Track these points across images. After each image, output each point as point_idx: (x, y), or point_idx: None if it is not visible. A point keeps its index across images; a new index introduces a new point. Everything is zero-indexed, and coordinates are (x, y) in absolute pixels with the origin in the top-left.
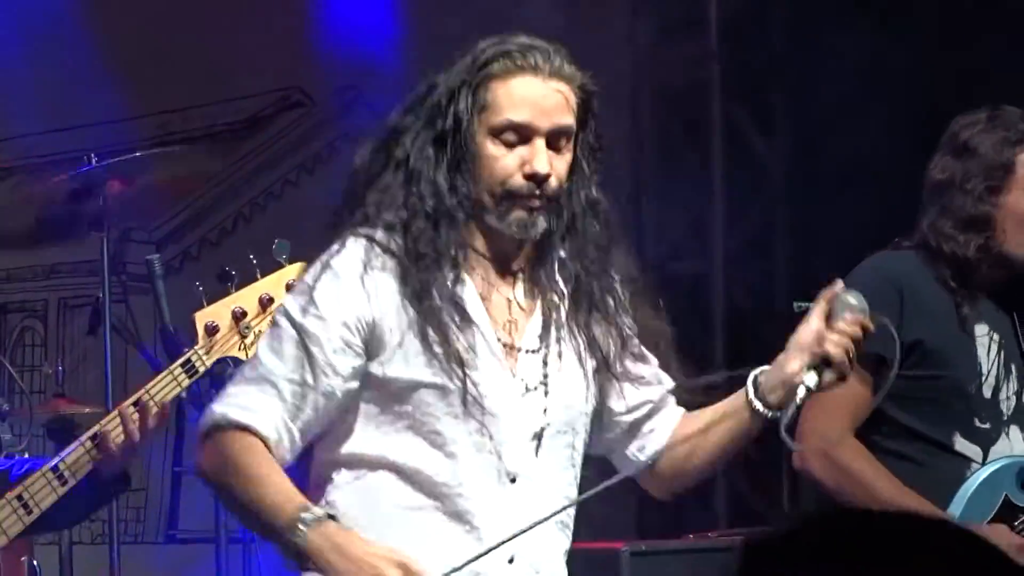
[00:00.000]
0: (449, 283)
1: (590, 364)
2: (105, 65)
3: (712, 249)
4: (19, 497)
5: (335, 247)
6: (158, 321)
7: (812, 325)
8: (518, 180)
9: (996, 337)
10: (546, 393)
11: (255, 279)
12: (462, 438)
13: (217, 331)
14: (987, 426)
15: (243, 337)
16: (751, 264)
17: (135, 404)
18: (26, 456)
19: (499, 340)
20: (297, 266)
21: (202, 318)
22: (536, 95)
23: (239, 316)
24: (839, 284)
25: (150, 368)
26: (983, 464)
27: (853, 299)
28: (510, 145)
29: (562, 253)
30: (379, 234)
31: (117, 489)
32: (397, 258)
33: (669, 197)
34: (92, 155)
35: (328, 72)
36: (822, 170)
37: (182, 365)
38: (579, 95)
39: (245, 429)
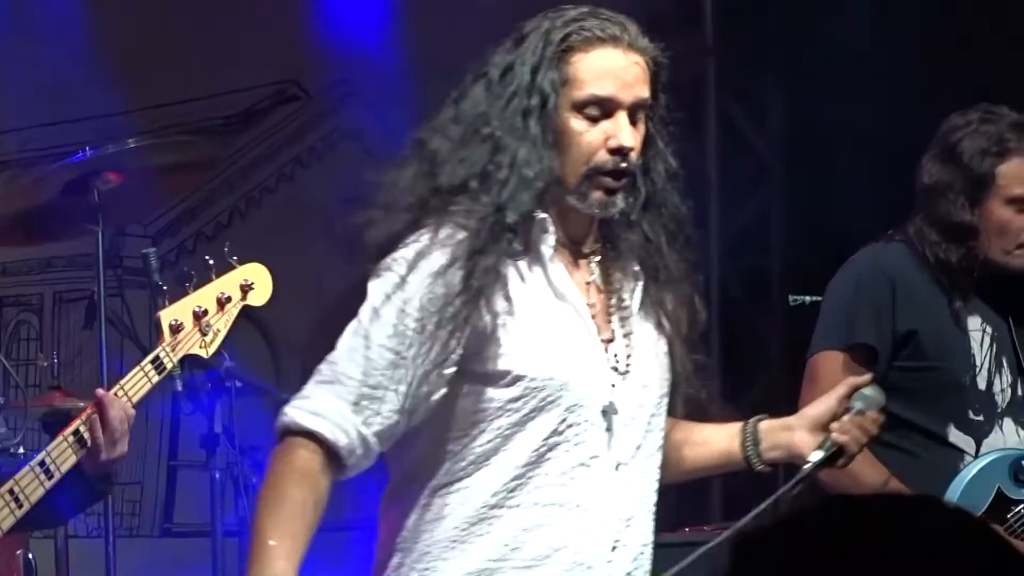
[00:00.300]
0: (544, 271)
1: (664, 342)
2: (100, 59)
3: (708, 242)
4: (10, 491)
5: (422, 235)
6: (154, 315)
7: (830, 406)
8: (603, 156)
9: (989, 330)
10: (636, 378)
11: (208, 280)
12: (568, 430)
13: (181, 329)
14: (980, 418)
15: (203, 335)
16: (746, 257)
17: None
18: (21, 451)
19: (596, 328)
20: (248, 266)
21: (167, 317)
22: (618, 67)
23: (200, 315)
24: (867, 376)
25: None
26: (976, 456)
27: (876, 394)
28: (593, 120)
29: (641, 228)
30: (469, 221)
31: (102, 489)
32: (491, 246)
33: None
34: (87, 148)
35: (324, 66)
36: (818, 164)
37: (152, 362)
38: (652, 67)
39: (313, 436)
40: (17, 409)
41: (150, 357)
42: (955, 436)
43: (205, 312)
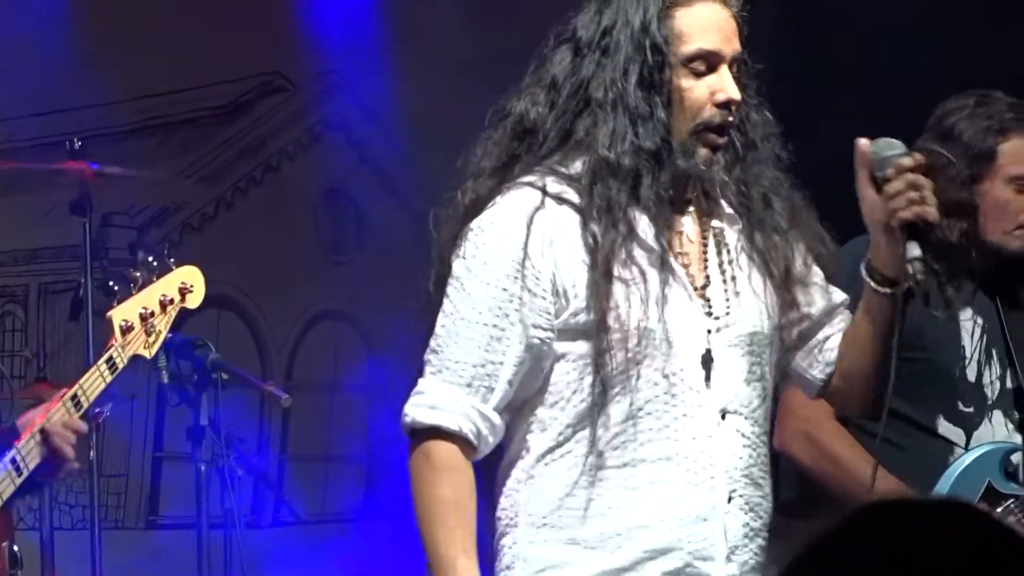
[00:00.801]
0: (637, 225)
1: (768, 285)
2: (90, 49)
3: None
4: None
5: (495, 202)
6: (105, 315)
7: (866, 199)
8: (710, 110)
9: (980, 321)
10: (736, 322)
11: (150, 281)
12: (664, 380)
13: (131, 330)
14: (970, 410)
15: (148, 335)
16: None
17: (72, 399)
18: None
19: (688, 277)
20: (185, 269)
21: (117, 317)
22: (719, 21)
23: (146, 316)
24: (862, 142)
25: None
26: (967, 449)
27: (885, 149)
28: (699, 75)
29: (743, 178)
30: (549, 182)
31: (41, 484)
32: (573, 204)
33: None
34: (76, 139)
35: (309, 57)
36: (814, 153)
37: (106, 362)
38: (739, 21)
39: (439, 430)
40: (3, 401)
41: (104, 357)
42: (944, 428)
43: (152, 314)
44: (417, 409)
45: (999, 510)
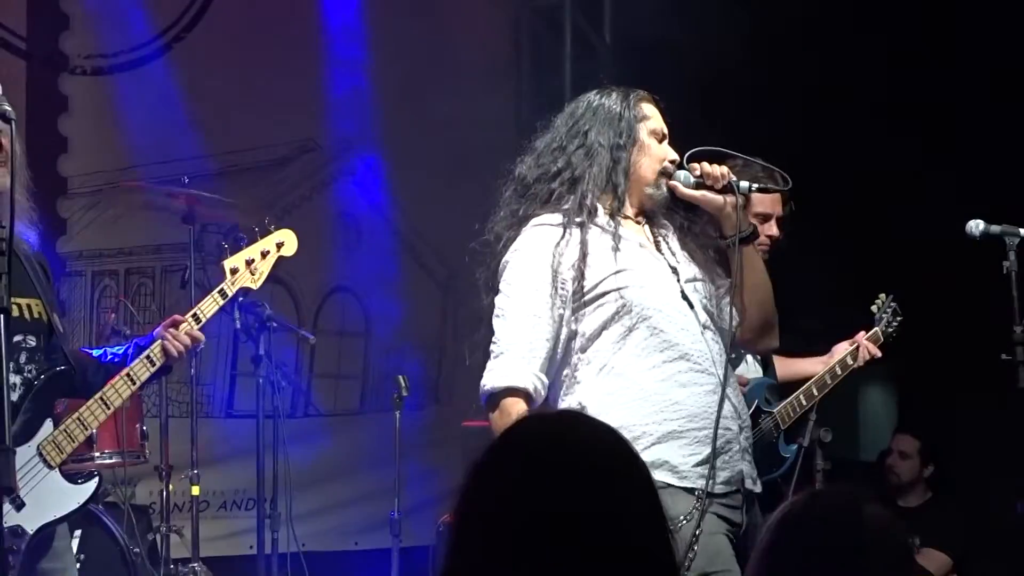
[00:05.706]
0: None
1: (703, 259)
2: (193, 119)
3: None
4: (127, 375)
5: (523, 232)
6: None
7: (704, 199)
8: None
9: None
10: (684, 274)
11: (255, 241)
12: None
13: (238, 271)
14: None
15: (252, 274)
16: None
17: (193, 316)
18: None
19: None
20: (281, 231)
21: (228, 264)
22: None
23: (250, 262)
24: (673, 184)
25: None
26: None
27: (684, 176)
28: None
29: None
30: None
31: (164, 373)
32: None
33: None
34: (185, 177)
35: (332, 128)
36: None
37: (219, 291)
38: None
39: (510, 390)
40: (138, 336)
41: (218, 288)
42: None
43: (253, 260)
44: (492, 379)
45: (760, 421)
